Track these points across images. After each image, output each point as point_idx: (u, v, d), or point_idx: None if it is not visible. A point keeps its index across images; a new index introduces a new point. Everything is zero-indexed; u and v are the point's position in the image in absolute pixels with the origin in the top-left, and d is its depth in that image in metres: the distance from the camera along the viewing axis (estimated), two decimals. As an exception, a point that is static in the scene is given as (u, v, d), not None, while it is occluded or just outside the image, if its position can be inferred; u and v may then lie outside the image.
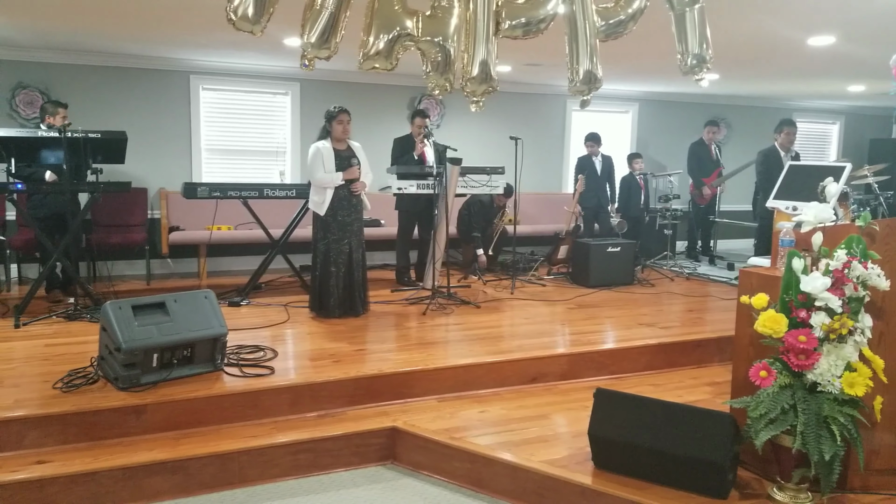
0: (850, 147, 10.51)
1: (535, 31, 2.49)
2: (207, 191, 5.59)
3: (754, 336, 2.80)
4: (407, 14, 2.42)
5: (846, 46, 5.48)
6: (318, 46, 2.33)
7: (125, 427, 3.30)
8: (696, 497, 2.80)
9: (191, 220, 6.75)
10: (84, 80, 6.57)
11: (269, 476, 3.28)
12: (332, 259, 5.02)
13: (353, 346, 4.38)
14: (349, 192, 5.07)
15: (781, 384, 2.65)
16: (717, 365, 4.64)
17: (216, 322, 3.79)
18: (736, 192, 8.97)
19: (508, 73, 7.35)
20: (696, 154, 8.15)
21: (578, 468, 3.07)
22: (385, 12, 2.39)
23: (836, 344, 2.60)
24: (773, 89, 8.61)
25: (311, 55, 2.34)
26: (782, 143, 6.94)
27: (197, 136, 7.07)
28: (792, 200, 3.96)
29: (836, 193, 2.97)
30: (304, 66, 2.36)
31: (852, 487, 2.85)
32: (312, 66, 2.37)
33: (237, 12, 2.26)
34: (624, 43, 3.16)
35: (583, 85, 2.58)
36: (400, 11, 2.42)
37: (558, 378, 4.28)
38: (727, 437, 2.76)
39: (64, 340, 4.39)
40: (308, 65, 2.36)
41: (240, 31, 2.34)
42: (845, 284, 2.60)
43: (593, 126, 8.09)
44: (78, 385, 3.53)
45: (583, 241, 6.75)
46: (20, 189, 4.79)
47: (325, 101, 6.17)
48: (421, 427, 3.50)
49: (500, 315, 5.34)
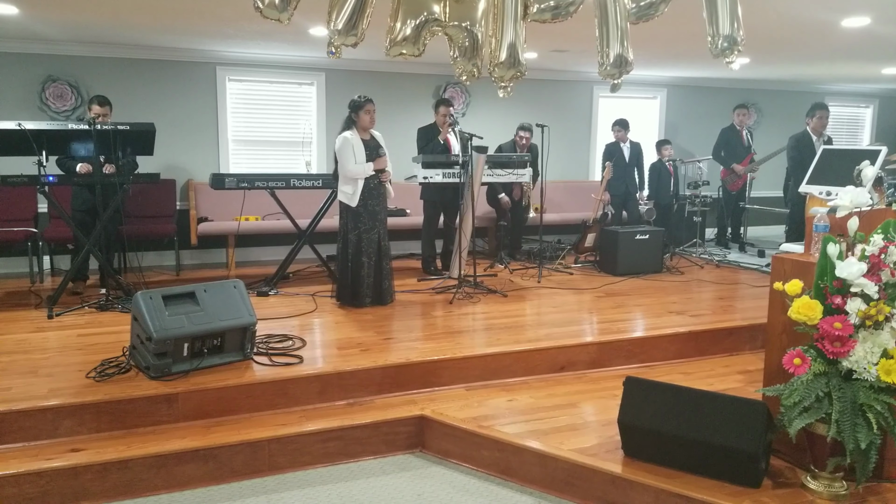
0: (884, 131, 10.26)
1: (564, 14, 2.44)
2: (235, 181, 5.64)
3: (788, 323, 2.75)
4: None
5: (882, 27, 5.32)
6: (345, 33, 2.31)
7: (157, 416, 3.35)
8: (728, 486, 2.77)
9: (219, 211, 6.82)
10: (112, 73, 6.64)
11: (298, 464, 3.31)
12: (364, 249, 5.04)
13: (381, 336, 4.39)
14: (378, 182, 5.07)
15: (816, 372, 2.60)
16: (748, 353, 4.58)
17: (245, 311, 3.82)
18: (767, 178, 8.80)
19: (535, 60, 7.28)
20: (728, 139, 8.00)
21: (608, 457, 3.05)
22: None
23: (872, 331, 2.55)
24: (805, 73, 8.42)
25: (339, 42, 2.33)
26: (814, 127, 6.79)
27: (224, 127, 7.12)
28: (826, 185, 3.86)
29: (872, 177, 2.90)
30: (330, 53, 2.35)
31: (889, 476, 2.79)
32: (339, 53, 2.36)
33: (265, 0, 2.26)
34: (653, 26, 3.11)
35: (613, 69, 2.53)
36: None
37: (587, 367, 4.25)
38: (760, 425, 2.72)
39: (96, 330, 4.46)
40: (335, 52, 2.35)
41: (267, 19, 2.33)
42: (882, 270, 2.54)
43: (621, 112, 7.99)
44: (111, 374, 3.58)
45: (611, 228, 6.69)
46: (52, 182, 4.87)
47: (351, 90, 6.17)
48: (449, 415, 3.51)
49: (527, 304, 5.32)
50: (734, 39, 2.82)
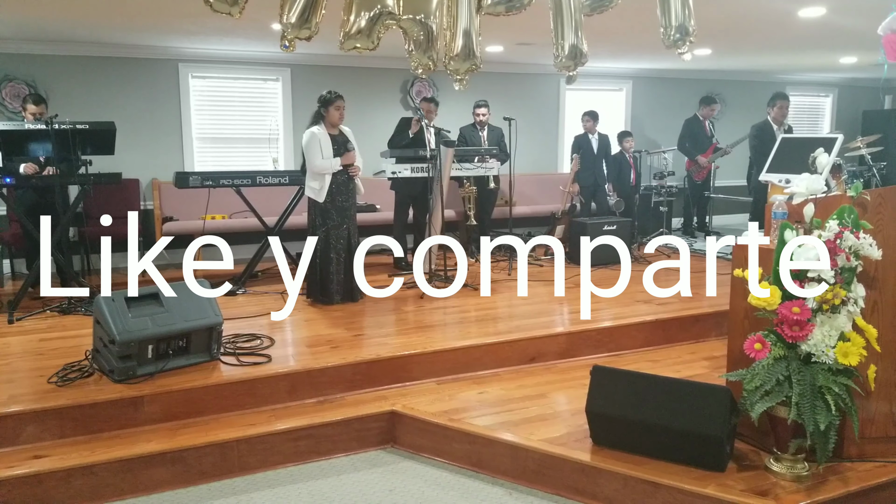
0: (844, 119, 10.48)
1: (518, 6, 2.45)
2: (199, 180, 5.55)
3: (749, 309, 2.80)
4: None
5: (838, 17, 5.43)
6: (298, 27, 2.29)
7: (123, 419, 3.30)
8: (694, 470, 2.81)
9: (184, 210, 6.72)
10: (71, 72, 6.51)
11: (269, 463, 3.28)
12: (333, 245, 5.01)
13: (351, 332, 4.37)
14: (347, 177, 5.04)
15: (776, 356, 2.65)
16: (714, 339, 4.65)
17: (211, 311, 3.78)
18: (731, 167, 8.94)
19: (501, 53, 7.29)
20: (692, 130, 8.11)
21: (577, 446, 3.08)
22: (366, -10, 2.35)
23: (829, 314, 2.61)
24: (766, 63, 8.55)
25: (292, 36, 2.31)
26: (775, 116, 6.91)
27: (188, 125, 7.02)
28: (785, 173, 3.94)
29: (826, 164, 2.95)
30: (284, 47, 2.33)
31: (848, 456, 2.86)
32: (293, 47, 2.34)
33: (215, -7, 2.23)
34: (614, 18, 3.14)
35: (569, 60, 2.55)
36: (381, -11, 2.38)
37: (557, 357, 4.29)
38: (724, 410, 2.77)
39: (58, 335, 4.38)
40: (289, 46, 2.33)
41: (217, 13, 2.30)
42: (838, 255, 2.59)
43: (588, 105, 8.03)
44: (73, 379, 3.52)
45: (580, 220, 6.74)
46: (8, 183, 4.76)
47: (317, 85, 6.12)
48: (420, 410, 3.51)
49: (498, 296, 5.34)
50: (686, 30, 2.86)
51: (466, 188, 6.49)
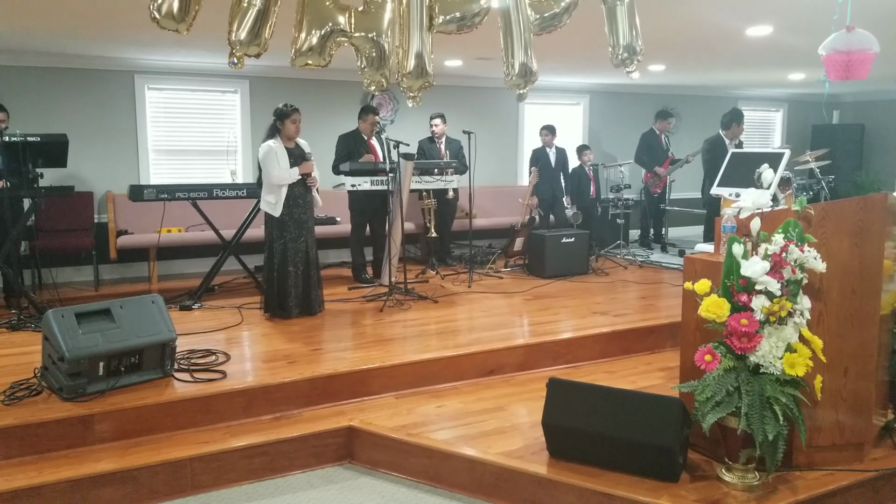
0: (794, 133, 10.79)
1: (469, 25, 2.48)
2: (154, 193, 5.47)
3: (699, 321, 2.85)
4: (339, 9, 2.39)
5: (784, 36, 5.60)
6: (247, 43, 2.28)
7: (72, 438, 3.22)
8: (648, 481, 2.85)
9: (140, 224, 6.59)
10: (23, 83, 6.35)
11: (223, 482, 3.23)
12: (290, 258, 4.96)
13: (309, 346, 4.33)
14: (304, 189, 5.01)
15: (726, 367, 2.71)
16: (669, 350, 4.73)
17: (164, 327, 3.71)
18: (686, 180, 9.13)
19: (460, 68, 7.34)
20: (649, 143, 8.26)
21: (534, 458, 3.09)
22: (316, 7, 2.35)
23: (776, 326, 2.68)
24: (718, 78, 8.77)
25: (240, 53, 2.30)
26: (732, 134, 7.08)
27: (144, 137, 6.90)
28: (735, 187, 4.04)
29: (771, 179, 3.04)
30: (232, 64, 2.31)
31: (797, 465, 2.93)
32: (242, 64, 2.33)
33: (161, 10, 2.21)
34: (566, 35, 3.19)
35: (518, 78, 2.59)
36: (331, 7, 2.39)
37: (515, 369, 4.31)
38: (676, 421, 2.81)
39: (6, 352, 4.25)
40: (237, 63, 2.32)
41: (164, 29, 2.28)
42: (783, 268, 2.66)
43: (546, 119, 8.13)
44: (20, 398, 3.42)
45: (538, 232, 6.81)
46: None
47: (276, 98, 6.08)
48: (378, 425, 3.49)
49: (458, 309, 5.35)
50: (633, 49, 2.92)
51: (426, 201, 6.51)
